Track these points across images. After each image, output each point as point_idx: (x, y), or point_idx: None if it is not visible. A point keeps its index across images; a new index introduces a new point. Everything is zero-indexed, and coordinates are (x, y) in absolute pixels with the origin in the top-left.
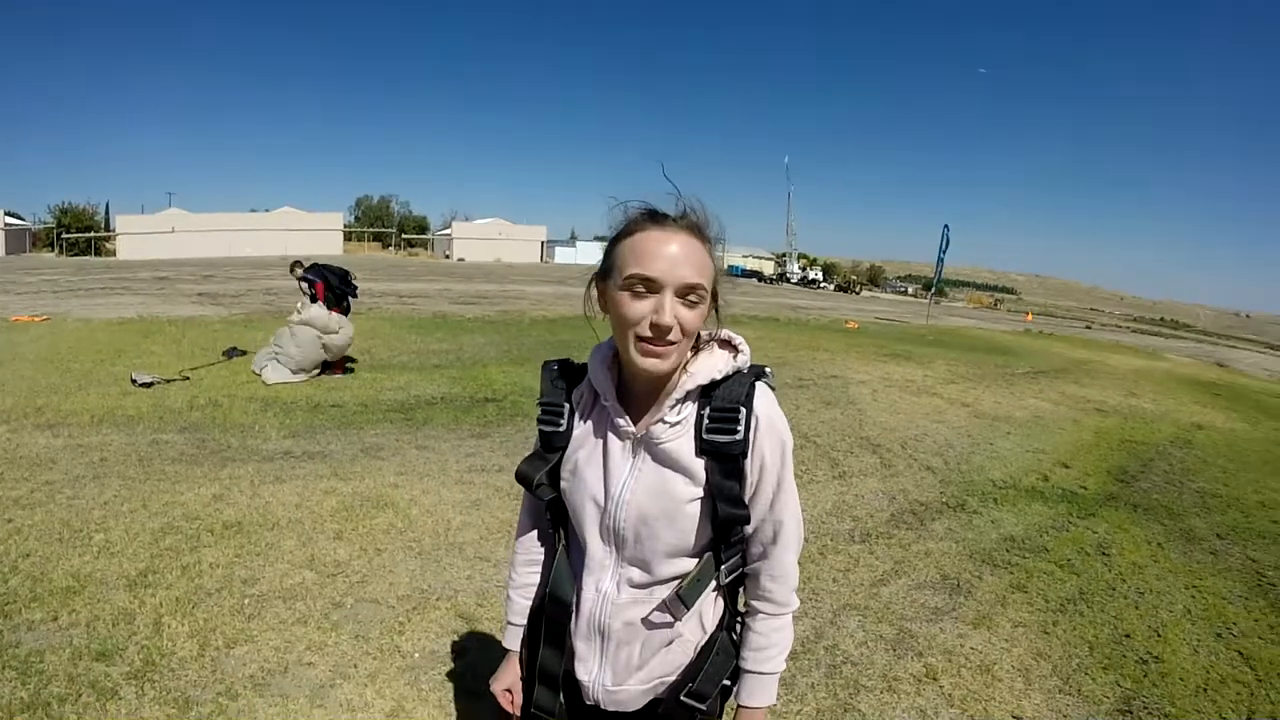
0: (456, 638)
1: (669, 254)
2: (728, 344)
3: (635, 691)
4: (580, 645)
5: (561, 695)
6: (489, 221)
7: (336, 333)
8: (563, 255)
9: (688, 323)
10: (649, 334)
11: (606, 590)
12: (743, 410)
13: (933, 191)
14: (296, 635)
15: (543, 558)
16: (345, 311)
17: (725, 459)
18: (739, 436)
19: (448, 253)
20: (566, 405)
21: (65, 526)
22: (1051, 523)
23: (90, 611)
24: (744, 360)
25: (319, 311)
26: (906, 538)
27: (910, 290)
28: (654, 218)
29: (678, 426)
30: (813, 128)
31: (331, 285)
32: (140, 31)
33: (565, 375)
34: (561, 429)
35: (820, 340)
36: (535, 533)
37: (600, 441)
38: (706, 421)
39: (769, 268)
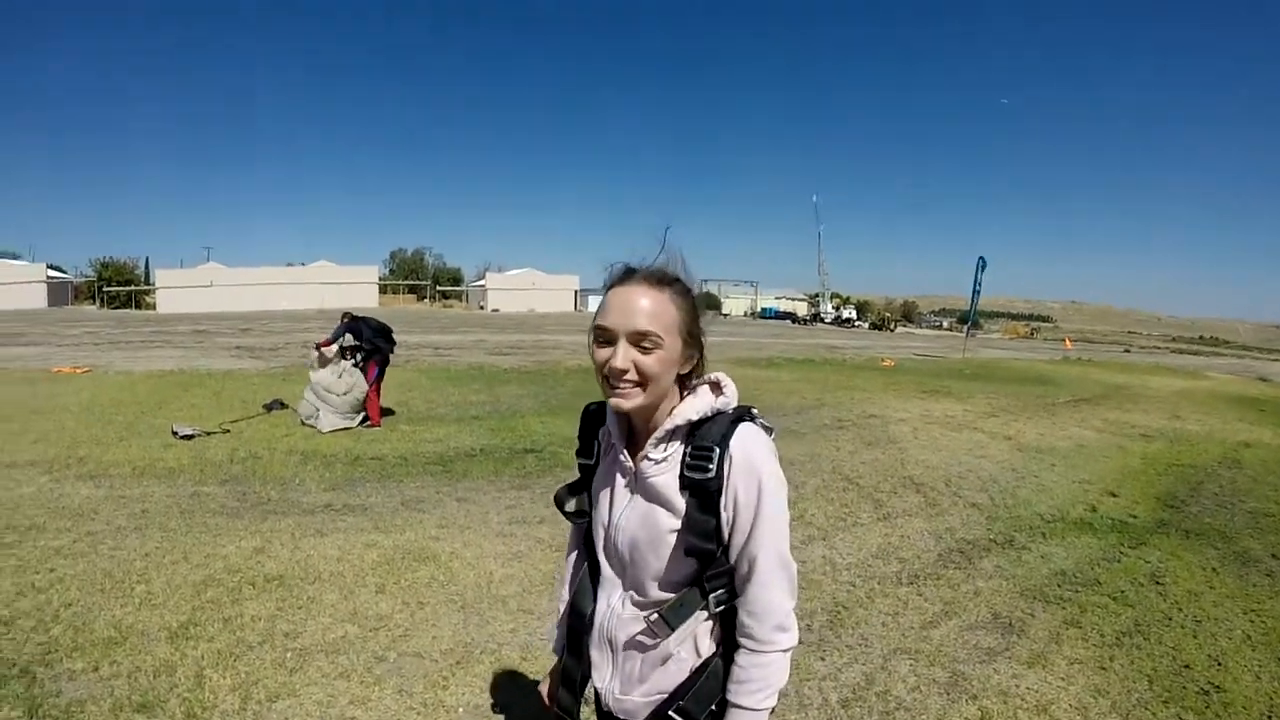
0: (500, 692)
1: (623, 305)
2: (715, 385)
3: (639, 702)
4: (595, 654)
5: (585, 700)
6: (522, 272)
7: (338, 393)
8: (596, 303)
9: (644, 366)
10: (608, 374)
11: (614, 605)
12: (716, 450)
13: (963, 224)
14: (339, 689)
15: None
16: (381, 364)
17: (702, 494)
18: (711, 474)
19: (482, 304)
20: (595, 442)
21: (107, 577)
22: (1102, 554)
23: (132, 662)
24: (725, 401)
25: (323, 373)
26: (955, 577)
27: (946, 324)
28: (624, 274)
29: (664, 463)
30: (840, 165)
31: (363, 336)
32: (180, 92)
33: (597, 416)
34: (591, 462)
35: (857, 380)
36: (575, 553)
37: (611, 474)
38: (688, 459)
39: (802, 308)
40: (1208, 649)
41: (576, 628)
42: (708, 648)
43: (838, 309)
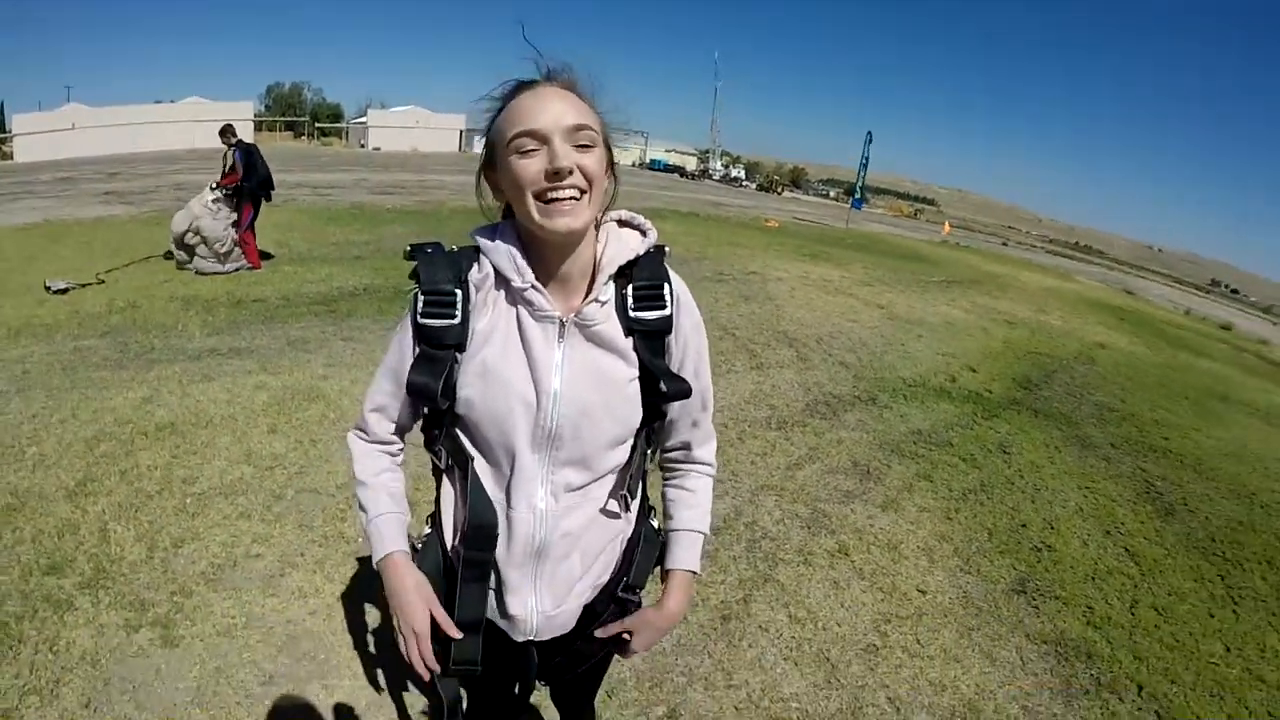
0: None
1: (546, 106)
2: (628, 224)
3: (573, 607)
4: (513, 575)
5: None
6: (406, 110)
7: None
8: (481, 145)
9: (587, 167)
10: (548, 184)
11: (541, 505)
12: (666, 286)
13: (859, 97)
14: (241, 529)
15: (400, 464)
16: (255, 206)
17: (652, 337)
18: (668, 312)
19: (363, 142)
20: (459, 292)
21: None
22: (957, 420)
23: (34, 526)
24: (653, 239)
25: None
26: (820, 426)
27: (833, 194)
28: (522, 85)
29: (606, 306)
30: (740, 25)
31: (255, 173)
32: None
33: (448, 260)
34: (455, 321)
35: (740, 237)
36: (394, 426)
37: (515, 332)
38: (630, 300)
39: (691, 163)
40: (1044, 513)
41: (481, 550)
42: (634, 513)
43: (727, 167)
